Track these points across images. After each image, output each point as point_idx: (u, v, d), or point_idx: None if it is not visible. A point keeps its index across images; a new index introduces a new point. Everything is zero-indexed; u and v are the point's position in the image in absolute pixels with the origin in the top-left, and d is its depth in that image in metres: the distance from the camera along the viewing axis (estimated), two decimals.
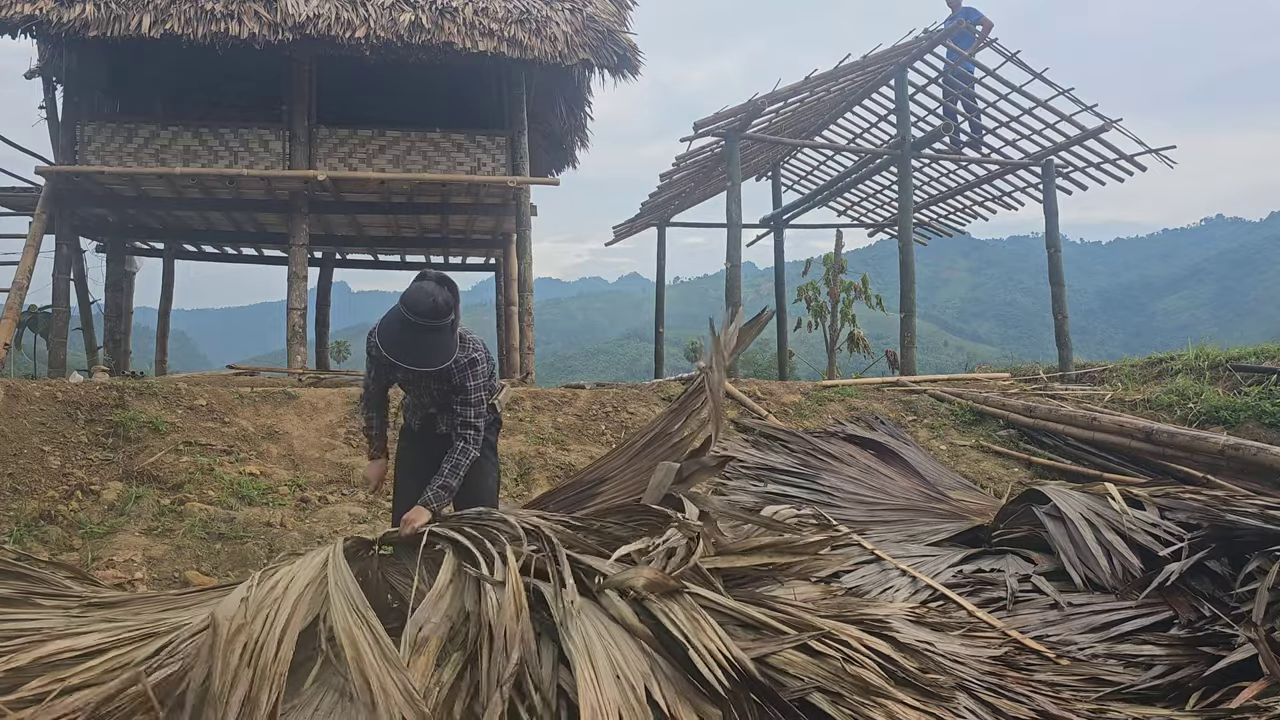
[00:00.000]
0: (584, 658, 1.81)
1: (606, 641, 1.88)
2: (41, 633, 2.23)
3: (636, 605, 2.00)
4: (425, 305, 3.11)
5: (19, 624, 2.26)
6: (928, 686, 2.20)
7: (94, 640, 2.16)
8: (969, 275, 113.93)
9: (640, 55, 9.76)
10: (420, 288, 3.17)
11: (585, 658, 1.81)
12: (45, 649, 2.07)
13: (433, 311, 3.11)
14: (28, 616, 2.35)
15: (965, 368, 19.86)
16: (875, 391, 8.44)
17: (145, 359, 14.45)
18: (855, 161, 12.64)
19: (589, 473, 3.14)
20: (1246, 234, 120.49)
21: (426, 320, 3.11)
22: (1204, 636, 2.93)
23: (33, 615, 2.36)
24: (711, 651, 1.87)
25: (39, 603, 2.47)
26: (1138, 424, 6.56)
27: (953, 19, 10.65)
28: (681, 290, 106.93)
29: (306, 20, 8.83)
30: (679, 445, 2.86)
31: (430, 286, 3.16)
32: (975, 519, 4.78)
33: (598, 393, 7.85)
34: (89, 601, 2.48)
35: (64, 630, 2.25)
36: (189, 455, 5.91)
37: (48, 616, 2.34)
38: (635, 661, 1.85)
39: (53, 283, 9.81)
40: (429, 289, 3.15)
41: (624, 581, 2.04)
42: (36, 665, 2.03)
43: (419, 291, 3.15)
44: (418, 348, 3.15)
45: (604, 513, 2.66)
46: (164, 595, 2.70)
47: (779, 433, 6.71)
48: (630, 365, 56.79)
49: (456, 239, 12.79)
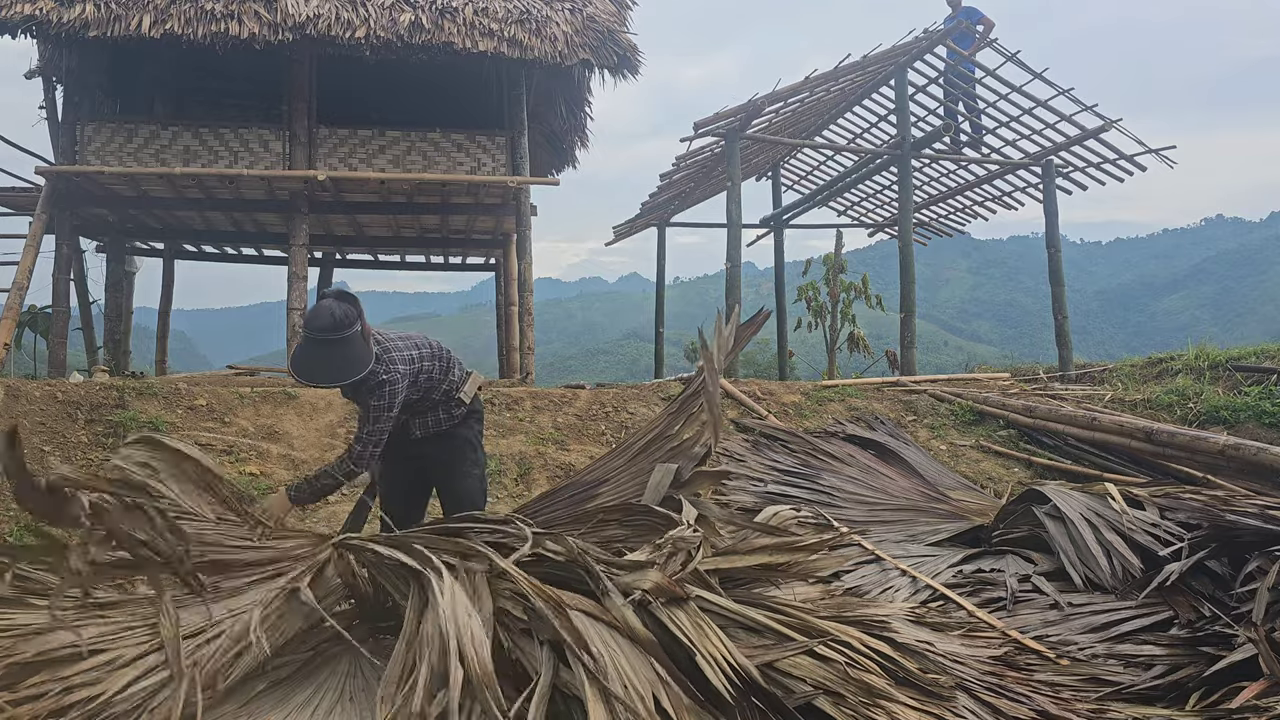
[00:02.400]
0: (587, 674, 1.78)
1: (611, 648, 1.86)
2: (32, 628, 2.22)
3: (641, 610, 1.98)
4: (324, 320, 3.16)
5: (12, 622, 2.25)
6: (928, 686, 2.20)
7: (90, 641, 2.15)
8: (969, 275, 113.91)
9: (640, 55, 9.77)
10: (319, 305, 3.25)
11: (587, 676, 1.78)
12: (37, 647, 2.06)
13: (332, 325, 3.15)
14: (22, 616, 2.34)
15: (965, 368, 19.86)
16: (875, 391, 8.44)
17: (145, 359, 14.45)
18: (855, 161, 12.64)
19: (588, 473, 3.14)
20: (1246, 234, 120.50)
21: (327, 334, 3.15)
22: (1204, 636, 2.93)
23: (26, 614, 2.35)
24: (716, 657, 1.86)
25: (32, 603, 2.46)
26: (1138, 424, 6.56)
27: (953, 19, 10.66)
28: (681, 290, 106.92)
29: (306, 20, 8.83)
30: (678, 448, 2.86)
31: (328, 303, 3.23)
32: (975, 519, 4.78)
33: (598, 393, 7.85)
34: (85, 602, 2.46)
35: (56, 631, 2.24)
36: None
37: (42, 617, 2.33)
38: (642, 669, 1.83)
39: (53, 283, 9.80)
40: (327, 305, 3.22)
41: (630, 584, 2.03)
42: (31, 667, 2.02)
43: (318, 309, 3.22)
44: (326, 363, 3.19)
45: (604, 513, 2.66)
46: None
47: (779, 433, 6.70)
48: (630, 365, 56.77)
49: (456, 239, 12.80)
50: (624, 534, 2.52)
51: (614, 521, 2.61)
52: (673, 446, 2.88)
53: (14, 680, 1.87)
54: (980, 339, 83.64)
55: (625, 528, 2.55)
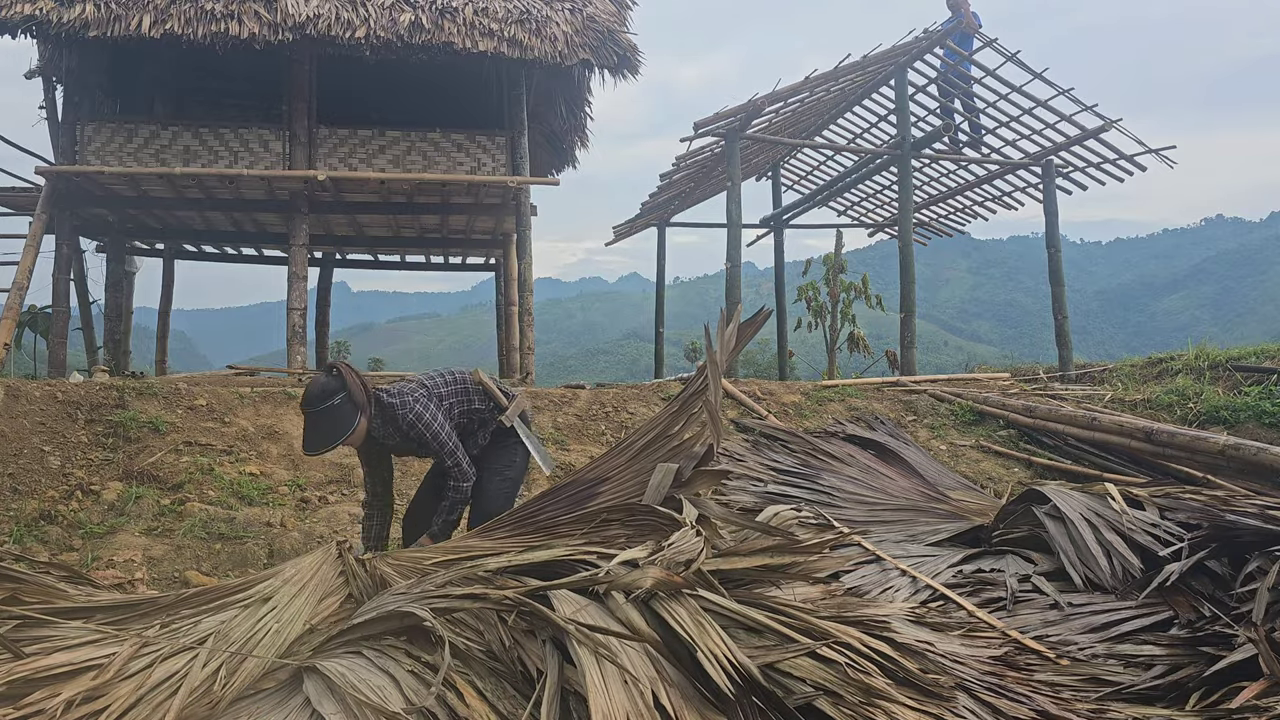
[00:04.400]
0: (591, 659, 1.79)
1: (614, 645, 1.86)
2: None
3: (642, 608, 1.99)
4: (313, 392, 3.50)
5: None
6: (928, 686, 2.20)
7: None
8: (969, 275, 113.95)
9: (640, 55, 9.77)
10: (311, 380, 3.59)
11: (594, 662, 1.79)
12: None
13: (319, 396, 3.48)
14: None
15: (965, 368, 19.87)
16: (875, 391, 8.44)
17: (145, 359, 14.46)
18: (855, 161, 12.64)
19: (589, 471, 3.13)
20: (1246, 234, 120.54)
21: (314, 406, 3.49)
22: (1204, 636, 2.93)
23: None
24: (718, 655, 1.86)
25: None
26: (1138, 424, 6.56)
27: (952, 20, 10.66)
28: (681, 290, 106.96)
29: (306, 20, 8.83)
30: (679, 448, 2.85)
31: (318, 377, 3.58)
32: (975, 519, 4.78)
33: (598, 393, 7.85)
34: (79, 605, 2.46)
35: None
36: (189, 455, 5.91)
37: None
38: (642, 666, 1.84)
39: (53, 283, 9.81)
40: (316, 379, 3.56)
41: (632, 582, 2.03)
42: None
43: (309, 384, 3.56)
44: (318, 431, 3.51)
45: (607, 513, 2.65)
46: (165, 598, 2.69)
47: (779, 433, 6.70)
48: (630, 365, 56.80)
49: (456, 239, 12.81)
50: (626, 534, 2.52)
51: (616, 521, 2.60)
52: (674, 446, 2.87)
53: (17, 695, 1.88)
54: (980, 339, 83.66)
55: (628, 527, 2.55)
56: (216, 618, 2.38)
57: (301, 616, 2.41)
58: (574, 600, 2.00)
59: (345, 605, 2.63)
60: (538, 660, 1.94)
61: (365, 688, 1.96)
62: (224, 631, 2.28)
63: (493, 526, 3.06)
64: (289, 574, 2.59)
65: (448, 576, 2.31)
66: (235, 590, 2.55)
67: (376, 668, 2.08)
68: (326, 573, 2.65)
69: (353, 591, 2.68)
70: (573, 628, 1.86)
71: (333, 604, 2.58)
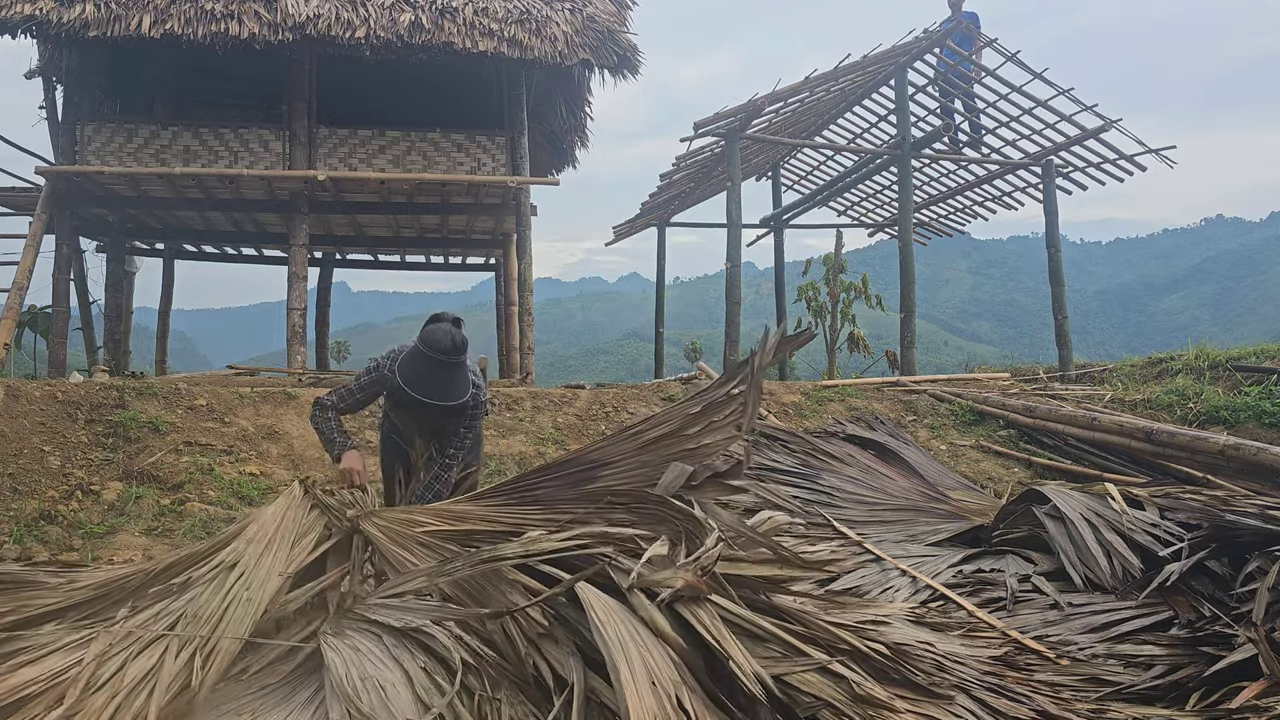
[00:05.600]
0: (623, 660, 1.78)
1: (640, 645, 1.85)
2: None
3: (666, 610, 1.97)
4: (446, 343, 3.36)
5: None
6: (928, 687, 2.20)
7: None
8: (969, 275, 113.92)
9: (640, 55, 9.77)
10: (439, 328, 3.43)
11: (624, 660, 1.78)
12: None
13: (453, 349, 3.37)
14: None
15: (965, 368, 19.86)
16: (875, 391, 8.44)
17: (145, 359, 14.45)
18: (855, 161, 12.64)
19: (588, 452, 3.06)
20: (1246, 234, 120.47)
21: (449, 357, 3.36)
22: (1204, 636, 2.93)
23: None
24: (740, 662, 1.86)
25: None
26: (1138, 424, 6.56)
27: (952, 20, 10.66)
28: (681, 290, 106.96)
29: (306, 20, 8.83)
30: (695, 451, 2.82)
31: (448, 326, 3.44)
32: (975, 519, 4.78)
33: (598, 393, 7.85)
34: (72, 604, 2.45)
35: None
36: (189, 455, 5.91)
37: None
38: (666, 668, 1.83)
39: (53, 283, 9.80)
40: (447, 329, 3.42)
41: (661, 581, 2.00)
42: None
43: (439, 331, 3.41)
44: (440, 383, 3.38)
45: (613, 495, 2.63)
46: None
47: (779, 433, 6.70)
48: (630, 365, 56.72)
49: (456, 239, 12.80)
50: (631, 519, 2.51)
51: (622, 506, 2.59)
52: (688, 448, 2.85)
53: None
54: (980, 339, 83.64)
55: (633, 514, 2.53)
56: (184, 596, 2.35)
57: (274, 573, 2.40)
58: (603, 601, 1.98)
59: (324, 541, 2.62)
60: (557, 665, 1.93)
61: (371, 687, 1.96)
62: (192, 612, 2.26)
63: (484, 494, 3.05)
64: (251, 532, 2.56)
65: (465, 569, 2.26)
66: (201, 560, 2.52)
67: (392, 659, 2.07)
68: (293, 516, 2.64)
69: (330, 522, 2.67)
70: (610, 633, 1.84)
71: (308, 543, 2.57)
